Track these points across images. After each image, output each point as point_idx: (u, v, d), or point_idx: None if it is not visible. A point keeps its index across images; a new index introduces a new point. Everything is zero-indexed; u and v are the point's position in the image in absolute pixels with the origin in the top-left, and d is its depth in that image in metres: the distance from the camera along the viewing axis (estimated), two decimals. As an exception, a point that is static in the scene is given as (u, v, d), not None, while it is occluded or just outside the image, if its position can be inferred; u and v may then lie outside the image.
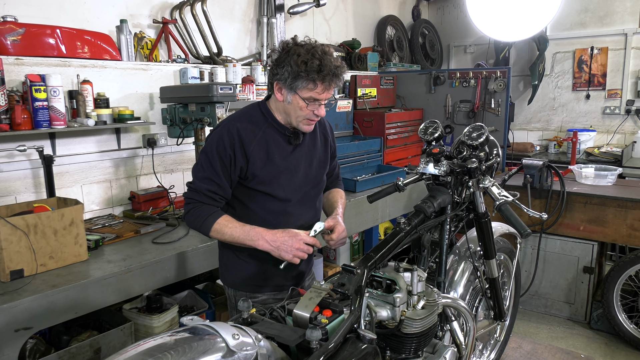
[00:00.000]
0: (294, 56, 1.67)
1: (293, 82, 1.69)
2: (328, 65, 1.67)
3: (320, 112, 1.79)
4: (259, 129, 1.82)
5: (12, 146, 2.43)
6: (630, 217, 3.26)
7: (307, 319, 1.37)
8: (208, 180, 1.79)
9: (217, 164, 1.78)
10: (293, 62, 1.67)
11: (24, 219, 2.01)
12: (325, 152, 2.01)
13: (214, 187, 1.80)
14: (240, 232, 1.76)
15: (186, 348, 1.06)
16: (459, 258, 2.26)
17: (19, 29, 2.49)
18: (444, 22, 6.36)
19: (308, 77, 1.67)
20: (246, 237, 1.75)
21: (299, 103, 1.74)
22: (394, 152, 4.30)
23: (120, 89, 2.95)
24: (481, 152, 1.96)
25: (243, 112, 1.89)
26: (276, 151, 1.83)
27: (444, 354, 1.69)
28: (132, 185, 3.07)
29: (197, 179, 1.81)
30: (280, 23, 4.18)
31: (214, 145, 1.78)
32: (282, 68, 1.70)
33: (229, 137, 1.77)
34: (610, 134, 5.24)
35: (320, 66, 1.66)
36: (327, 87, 1.72)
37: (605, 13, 5.18)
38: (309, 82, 1.68)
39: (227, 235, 1.76)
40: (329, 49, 1.75)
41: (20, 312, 1.81)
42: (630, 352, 3.22)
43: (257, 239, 1.74)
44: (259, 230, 1.76)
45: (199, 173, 1.81)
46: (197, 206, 1.80)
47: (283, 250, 1.73)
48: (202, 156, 1.82)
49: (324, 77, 1.68)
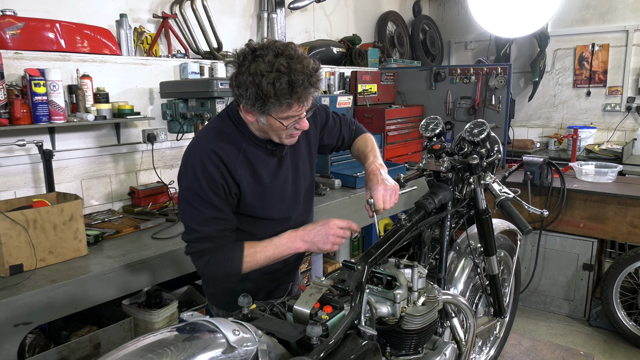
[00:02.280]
0: (257, 77, 1.38)
1: (263, 107, 1.43)
2: (300, 79, 1.39)
3: (302, 125, 1.55)
4: (238, 149, 1.57)
5: (12, 141, 2.42)
6: (630, 215, 3.26)
7: (307, 315, 1.37)
8: (213, 220, 1.55)
9: (212, 198, 1.52)
10: (257, 85, 1.38)
11: (23, 214, 2.00)
12: (309, 149, 1.80)
13: (222, 224, 1.57)
14: (273, 249, 1.59)
15: (186, 344, 1.06)
16: (459, 255, 2.25)
17: (18, 23, 2.47)
18: (444, 18, 6.35)
19: (280, 102, 1.41)
20: (282, 250, 1.60)
21: (276, 124, 1.50)
22: (395, 148, 4.30)
23: (120, 84, 2.94)
24: (482, 149, 1.96)
25: (213, 128, 1.61)
26: (262, 170, 1.62)
27: (444, 350, 1.69)
28: (132, 181, 3.07)
29: (199, 224, 1.54)
30: (281, 18, 4.16)
31: (200, 180, 1.51)
32: (246, 91, 1.42)
33: (214, 165, 1.51)
34: (610, 131, 5.23)
35: (291, 83, 1.39)
36: (304, 101, 1.47)
37: (606, 10, 5.17)
38: (282, 105, 1.43)
39: (262, 261, 1.59)
40: (295, 49, 1.44)
41: (20, 307, 1.80)
42: (629, 349, 3.23)
43: (293, 244, 1.60)
44: (289, 236, 1.61)
45: (197, 217, 1.54)
46: (213, 254, 1.56)
47: (319, 242, 1.60)
48: (190, 196, 1.53)
49: (299, 96, 1.42)
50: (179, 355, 1.02)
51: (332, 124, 1.91)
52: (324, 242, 1.60)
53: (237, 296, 1.43)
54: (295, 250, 1.61)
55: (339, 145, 1.99)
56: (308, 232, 1.61)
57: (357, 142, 1.98)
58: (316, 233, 1.61)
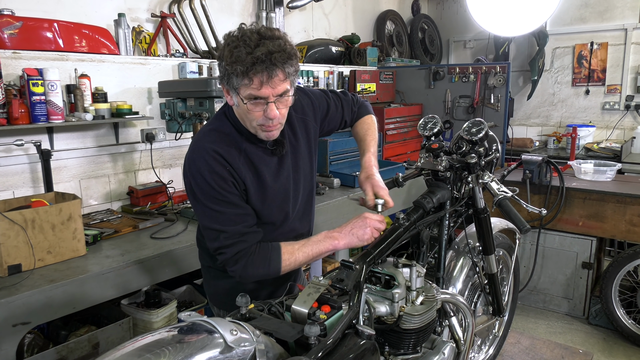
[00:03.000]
0: (226, 48, 1.38)
1: (229, 81, 1.41)
2: (260, 51, 1.33)
3: (269, 113, 1.43)
4: (239, 150, 1.52)
5: (10, 140, 2.42)
6: (629, 213, 3.26)
7: (305, 315, 1.36)
8: (237, 217, 1.49)
9: (228, 197, 1.48)
10: (225, 55, 1.38)
11: (21, 214, 2.00)
12: (309, 146, 1.75)
13: (247, 220, 1.51)
14: (312, 246, 1.55)
15: (184, 344, 1.06)
16: (458, 254, 2.25)
17: (16, 23, 2.47)
18: (443, 17, 6.34)
19: (238, 71, 1.35)
20: (321, 247, 1.56)
21: (242, 104, 1.43)
22: (393, 147, 4.30)
23: (118, 84, 2.94)
24: (480, 148, 1.95)
25: (211, 130, 1.56)
26: (265, 170, 1.57)
27: (442, 349, 1.69)
28: (131, 180, 3.06)
29: (224, 224, 1.48)
30: (279, 18, 4.16)
31: (210, 182, 1.46)
32: (221, 66, 1.41)
33: (220, 165, 1.47)
34: (609, 130, 5.23)
35: (249, 54, 1.33)
36: (265, 80, 1.37)
37: (605, 8, 5.17)
38: (241, 76, 1.36)
39: (301, 259, 1.54)
40: (275, 31, 1.41)
41: (18, 307, 1.80)
42: (628, 348, 3.23)
43: (332, 240, 1.57)
44: (326, 233, 1.58)
45: (219, 218, 1.48)
46: (249, 256, 1.49)
47: (358, 232, 1.57)
48: (206, 200, 1.48)
49: (254, 67, 1.34)
50: (176, 355, 1.02)
51: (334, 110, 1.87)
52: (363, 232, 1.57)
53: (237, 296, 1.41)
54: (334, 246, 1.57)
55: (341, 128, 1.97)
56: (344, 227, 1.59)
57: (357, 126, 1.95)
58: (353, 225, 1.59)
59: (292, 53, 1.41)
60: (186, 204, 2.99)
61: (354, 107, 1.95)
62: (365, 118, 1.97)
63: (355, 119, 1.97)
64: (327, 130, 1.90)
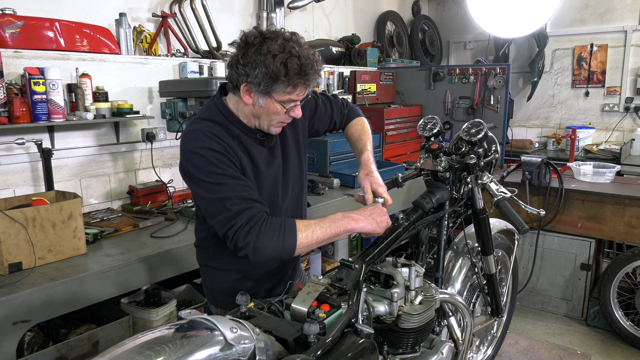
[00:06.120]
0: (269, 56, 1.41)
1: (268, 88, 1.45)
2: (309, 63, 1.45)
3: (296, 113, 1.55)
4: (232, 136, 1.55)
5: (11, 139, 2.43)
6: (627, 215, 3.27)
7: (305, 313, 1.37)
8: (239, 186, 1.45)
9: (228, 170, 1.46)
10: (269, 63, 1.41)
11: (22, 212, 2.00)
12: (296, 139, 1.78)
13: (251, 191, 1.47)
14: (329, 223, 1.48)
15: (184, 341, 1.06)
16: (456, 254, 2.26)
17: (18, 22, 2.48)
18: (443, 18, 6.35)
19: (289, 82, 1.44)
20: (338, 226, 1.49)
21: (275, 107, 1.50)
22: (393, 148, 4.30)
23: (119, 83, 2.95)
24: (480, 149, 1.96)
25: (203, 117, 1.57)
26: (258, 158, 1.60)
27: (441, 349, 1.70)
28: (131, 179, 3.07)
29: (229, 191, 1.42)
30: (280, 18, 4.17)
31: (209, 158, 1.45)
32: (254, 69, 1.43)
33: (217, 143, 1.48)
34: (609, 132, 5.24)
35: (302, 66, 1.43)
36: (309, 86, 1.51)
37: (605, 10, 5.18)
38: (285, 84, 1.45)
39: (319, 234, 1.45)
40: (300, 38, 1.50)
41: (19, 304, 1.81)
42: (627, 349, 3.24)
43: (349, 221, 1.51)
44: (343, 214, 1.53)
45: (222, 189, 1.43)
46: (262, 224, 1.39)
47: (377, 217, 1.56)
48: (206, 176, 1.45)
49: (307, 79, 1.46)
50: (176, 353, 1.02)
51: (323, 110, 1.88)
52: (382, 219, 1.56)
53: (236, 295, 1.39)
54: (350, 228, 1.51)
55: (331, 129, 1.98)
56: (363, 211, 1.57)
57: (351, 127, 1.96)
58: (372, 211, 1.57)
59: (320, 59, 1.52)
60: (186, 203, 3.00)
61: (343, 110, 1.97)
62: (358, 120, 1.98)
63: (346, 122, 1.98)
64: (316, 129, 1.91)
